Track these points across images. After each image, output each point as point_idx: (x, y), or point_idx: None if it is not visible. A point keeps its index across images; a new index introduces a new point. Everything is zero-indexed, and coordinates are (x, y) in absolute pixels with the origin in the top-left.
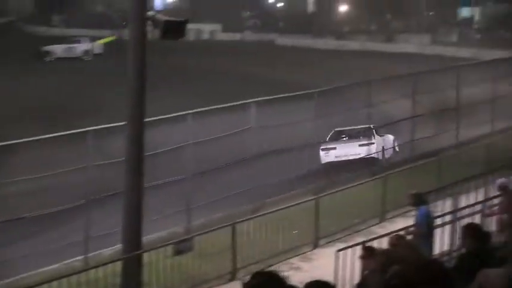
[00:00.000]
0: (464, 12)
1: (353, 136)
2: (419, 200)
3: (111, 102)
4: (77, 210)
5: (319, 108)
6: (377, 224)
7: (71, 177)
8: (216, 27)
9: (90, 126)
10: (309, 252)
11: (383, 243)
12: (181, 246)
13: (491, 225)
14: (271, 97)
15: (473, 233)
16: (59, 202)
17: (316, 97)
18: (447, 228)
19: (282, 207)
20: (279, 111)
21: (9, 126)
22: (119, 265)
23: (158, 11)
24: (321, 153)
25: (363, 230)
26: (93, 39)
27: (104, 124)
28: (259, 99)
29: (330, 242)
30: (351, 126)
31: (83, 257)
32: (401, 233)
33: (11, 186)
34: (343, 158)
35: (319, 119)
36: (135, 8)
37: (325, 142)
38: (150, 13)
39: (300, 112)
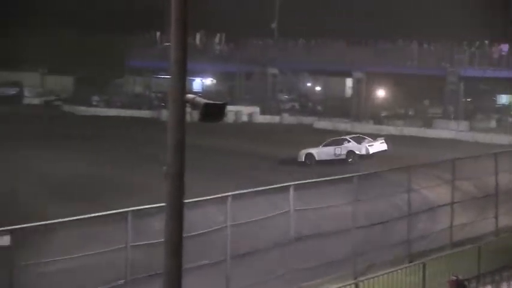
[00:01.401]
0: (503, 99)
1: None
2: (459, 287)
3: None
4: None
5: (358, 193)
6: None
7: (109, 257)
8: (255, 109)
9: (129, 207)
10: None
11: None
12: None
13: None
14: (310, 180)
15: None
16: (97, 282)
17: (356, 181)
18: None
19: None
20: (318, 194)
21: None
22: None
23: (197, 93)
24: (369, 148)
25: None
26: None
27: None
28: (298, 182)
29: None
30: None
31: None
32: None
33: (51, 266)
34: (378, 150)
35: (358, 203)
36: (175, 90)
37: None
38: (189, 96)
39: (339, 196)
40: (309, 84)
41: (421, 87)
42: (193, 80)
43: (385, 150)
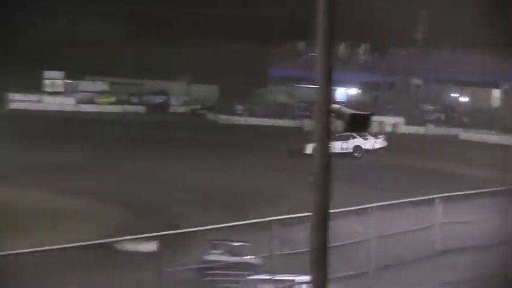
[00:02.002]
0: None
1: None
2: None
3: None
4: None
5: (508, 207)
6: None
7: None
8: (399, 120)
9: (271, 216)
10: None
11: None
12: None
13: None
14: (456, 193)
15: None
16: None
17: (505, 195)
18: None
19: None
20: (465, 207)
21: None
22: None
23: (340, 103)
24: (367, 143)
25: None
26: None
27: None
28: (444, 194)
29: None
30: None
31: None
32: None
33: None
34: (382, 146)
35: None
36: (321, 100)
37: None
38: (335, 105)
39: (487, 209)
40: (454, 95)
41: None
42: (336, 89)
43: (386, 146)
